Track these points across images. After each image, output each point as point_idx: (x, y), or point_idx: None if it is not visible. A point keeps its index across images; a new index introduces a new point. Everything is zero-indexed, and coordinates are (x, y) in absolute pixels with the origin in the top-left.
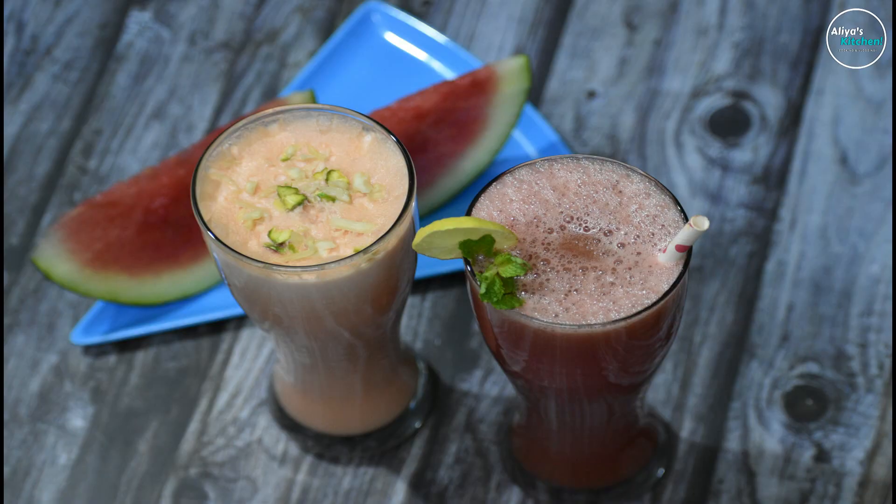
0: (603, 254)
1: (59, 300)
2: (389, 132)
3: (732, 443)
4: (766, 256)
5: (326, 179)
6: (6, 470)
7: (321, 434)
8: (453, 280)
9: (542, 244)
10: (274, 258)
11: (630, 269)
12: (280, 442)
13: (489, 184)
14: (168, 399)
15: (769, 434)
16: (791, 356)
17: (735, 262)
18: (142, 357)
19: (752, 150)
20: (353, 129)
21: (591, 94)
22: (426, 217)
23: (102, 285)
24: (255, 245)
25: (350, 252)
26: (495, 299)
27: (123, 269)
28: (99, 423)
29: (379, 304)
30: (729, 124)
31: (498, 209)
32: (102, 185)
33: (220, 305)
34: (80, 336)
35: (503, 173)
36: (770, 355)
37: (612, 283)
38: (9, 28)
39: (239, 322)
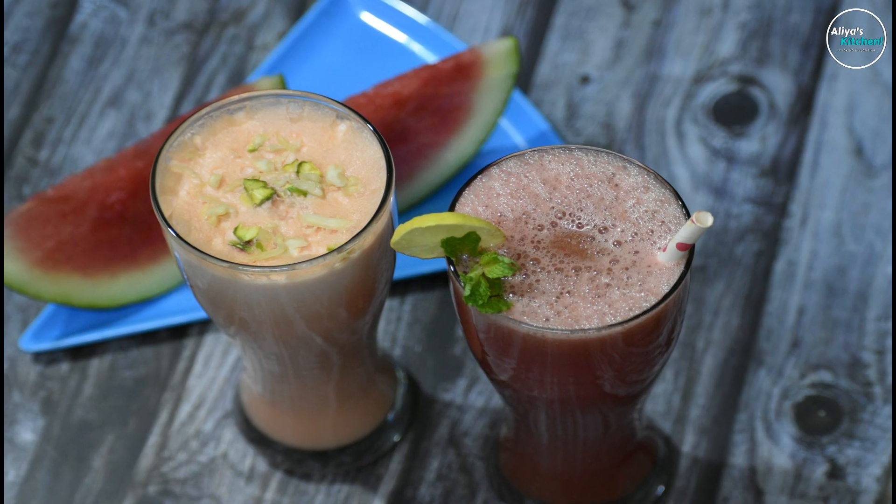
0: (598, 253)
1: (6, 303)
2: (366, 120)
3: (738, 458)
4: (775, 256)
5: (297, 172)
6: None
7: (291, 448)
8: (435, 281)
9: (532, 242)
10: (240, 257)
11: (627, 269)
12: (247, 457)
13: (474, 177)
14: (125, 411)
15: (778, 448)
16: (802, 364)
17: (741, 262)
18: (97, 365)
19: (760, 141)
20: (327, 118)
21: (585, 80)
22: (406, 213)
23: (54, 287)
24: (219, 243)
25: (323, 251)
26: (481, 302)
27: (77, 269)
28: (50, 436)
29: (354, 307)
30: (734, 112)
31: (484, 204)
32: (54, 178)
33: (182, 309)
34: (30, 342)
35: (489, 165)
36: (779, 363)
37: (608, 285)
38: None
39: (202, 327)
